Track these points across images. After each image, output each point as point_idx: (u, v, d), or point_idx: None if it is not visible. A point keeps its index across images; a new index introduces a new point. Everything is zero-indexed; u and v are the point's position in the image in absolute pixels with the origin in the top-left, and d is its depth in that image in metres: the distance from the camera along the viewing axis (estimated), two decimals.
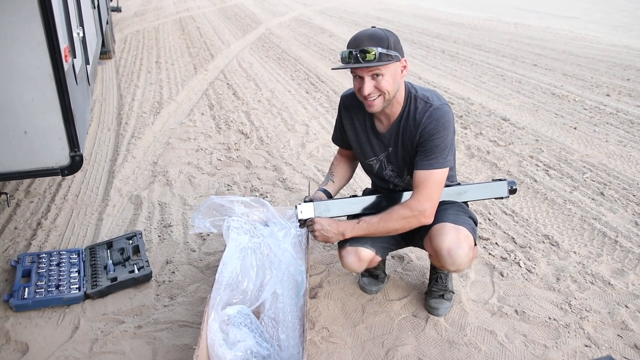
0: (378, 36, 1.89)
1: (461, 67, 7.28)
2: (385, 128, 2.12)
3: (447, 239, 2.01)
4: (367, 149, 2.21)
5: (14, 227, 2.95)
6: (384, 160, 2.18)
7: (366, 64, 1.87)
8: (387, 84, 1.93)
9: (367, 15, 13.15)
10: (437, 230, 2.07)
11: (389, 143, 2.12)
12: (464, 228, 2.06)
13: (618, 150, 4.23)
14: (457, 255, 2.00)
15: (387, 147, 2.14)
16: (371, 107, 1.99)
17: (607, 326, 2.21)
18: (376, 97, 1.95)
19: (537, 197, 3.40)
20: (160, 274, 2.54)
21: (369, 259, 2.19)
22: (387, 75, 1.91)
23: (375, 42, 1.87)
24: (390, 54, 1.88)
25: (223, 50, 8.41)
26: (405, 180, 2.19)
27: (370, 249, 2.18)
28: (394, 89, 1.96)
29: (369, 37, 1.88)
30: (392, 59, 1.89)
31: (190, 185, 3.54)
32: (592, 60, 7.80)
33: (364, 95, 1.94)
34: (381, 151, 2.17)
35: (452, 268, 2.11)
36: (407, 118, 2.04)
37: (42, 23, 2.10)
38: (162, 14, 12.99)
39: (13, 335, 2.12)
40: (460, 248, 2.00)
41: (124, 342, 2.09)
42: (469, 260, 2.08)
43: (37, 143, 2.27)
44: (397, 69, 1.94)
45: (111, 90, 5.97)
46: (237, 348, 1.81)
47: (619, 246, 2.82)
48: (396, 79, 1.95)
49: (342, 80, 6.46)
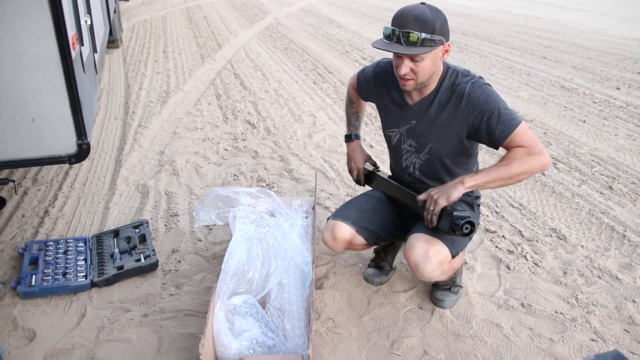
0: (424, 18, 1.78)
1: (470, 59, 7.22)
2: (414, 101, 2.04)
3: (415, 253, 1.97)
4: (390, 119, 2.15)
5: (21, 214, 2.96)
6: (404, 133, 2.11)
7: (406, 50, 1.79)
8: (425, 69, 1.86)
9: (375, 6, 13.06)
10: (410, 240, 2.03)
11: (415, 116, 2.05)
12: (438, 241, 1.98)
13: (627, 144, 4.19)
14: (424, 270, 1.96)
15: (410, 120, 2.07)
16: (404, 86, 1.93)
17: (614, 321, 2.20)
18: (411, 77, 1.89)
19: (545, 190, 3.38)
20: (167, 263, 2.55)
21: (347, 239, 2.14)
22: (427, 60, 1.84)
23: (421, 24, 1.77)
24: (435, 39, 1.79)
25: (230, 40, 8.39)
26: (422, 157, 2.10)
27: (351, 226, 2.14)
28: (430, 73, 1.89)
29: (415, 18, 1.78)
30: (435, 44, 1.81)
31: (196, 174, 3.54)
32: (602, 53, 7.73)
33: (400, 74, 1.88)
34: (403, 124, 2.10)
35: (423, 279, 2.09)
36: (444, 91, 1.97)
37: (49, 11, 2.09)
38: (170, 3, 12.96)
39: (20, 322, 2.13)
40: (428, 263, 1.94)
41: (130, 330, 2.10)
42: (442, 273, 2.01)
43: (44, 131, 2.28)
44: (438, 53, 1.86)
45: (118, 79, 5.97)
46: (243, 337, 1.82)
47: (627, 240, 2.80)
48: (435, 62, 1.88)
49: (349, 71, 6.43)
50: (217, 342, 1.80)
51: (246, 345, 1.80)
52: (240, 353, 1.78)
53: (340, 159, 3.79)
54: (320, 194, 3.23)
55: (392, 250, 2.49)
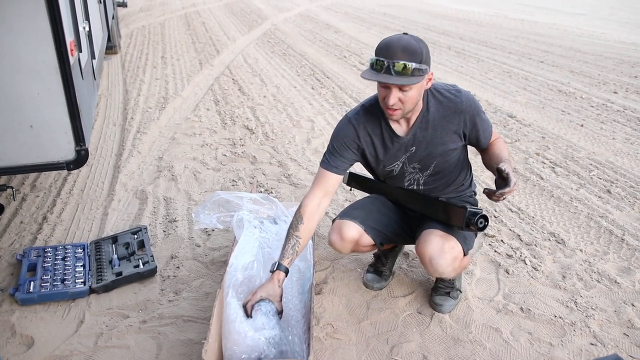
0: (412, 48, 1.80)
1: (467, 64, 7.24)
2: (405, 130, 2.04)
3: (430, 247, 2.00)
4: (387, 159, 2.12)
5: (19, 221, 2.96)
6: (406, 161, 2.11)
7: (398, 80, 1.79)
8: (412, 98, 1.87)
9: (372, 12, 13.11)
10: (424, 235, 2.06)
11: (412, 143, 2.05)
12: (453, 237, 2.04)
13: (625, 148, 4.20)
14: (437, 265, 1.99)
15: (409, 148, 2.07)
16: (391, 116, 1.93)
17: (613, 325, 2.20)
18: (399, 107, 1.89)
19: (543, 194, 3.38)
20: (165, 269, 2.54)
21: (354, 239, 2.14)
22: (414, 90, 1.85)
23: (410, 55, 1.78)
24: (422, 68, 1.81)
25: (229, 46, 8.40)
26: (427, 173, 2.12)
27: (359, 225, 2.14)
28: (416, 102, 1.91)
29: (403, 49, 1.79)
30: (423, 73, 1.83)
31: (195, 180, 3.54)
32: (599, 58, 7.75)
33: (388, 104, 1.87)
34: (402, 154, 2.09)
35: (434, 275, 2.11)
36: (431, 110, 2.00)
37: (48, 17, 2.09)
38: (168, 10, 12.99)
39: (19, 328, 2.12)
40: (442, 258, 1.99)
41: (129, 336, 2.09)
42: (453, 270, 2.06)
43: (42, 137, 2.27)
44: (424, 82, 1.88)
45: (117, 85, 5.98)
46: (262, 333, 1.77)
47: (625, 244, 2.80)
48: (421, 91, 1.91)
49: (348, 76, 6.44)
50: (230, 328, 1.74)
51: (263, 341, 1.75)
52: (255, 346, 1.74)
53: None
54: None
55: (392, 255, 2.49)
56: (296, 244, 2.00)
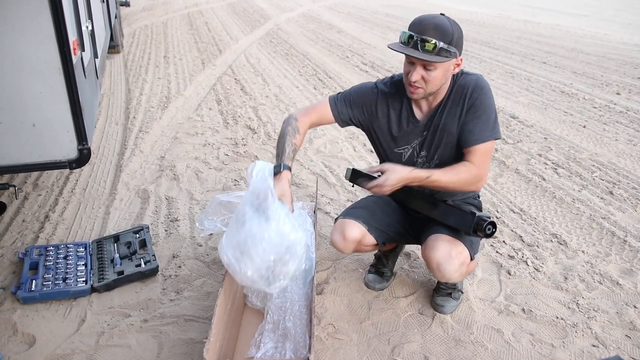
0: (444, 28, 1.80)
1: (470, 65, 7.24)
2: (423, 114, 2.04)
3: (438, 253, 1.98)
4: (399, 137, 2.10)
5: (21, 219, 2.96)
6: (417, 147, 2.09)
7: (423, 55, 1.79)
8: (436, 79, 1.86)
9: (375, 12, 13.10)
10: (431, 240, 2.04)
11: (427, 127, 2.04)
12: (460, 242, 2.02)
13: (628, 149, 4.19)
14: (445, 270, 1.98)
15: (422, 133, 2.06)
16: (412, 94, 1.93)
17: (615, 326, 2.20)
18: (421, 86, 1.89)
19: (545, 195, 3.38)
20: (167, 268, 2.54)
21: (357, 238, 2.12)
22: (439, 70, 1.84)
23: (440, 34, 1.79)
24: (450, 50, 1.81)
25: (231, 46, 8.41)
26: (432, 165, 2.09)
27: (362, 224, 2.13)
28: (439, 84, 1.90)
29: (435, 27, 1.79)
30: (450, 55, 1.82)
31: (197, 180, 3.54)
32: (602, 59, 7.74)
33: (411, 80, 1.87)
34: (415, 138, 2.08)
35: (442, 280, 2.10)
36: (451, 99, 1.97)
37: (51, 16, 2.10)
38: (171, 9, 13.00)
39: (20, 327, 2.12)
40: (450, 263, 1.97)
41: (130, 335, 2.10)
42: (460, 275, 2.05)
43: (45, 136, 2.28)
44: (451, 65, 1.88)
45: (119, 84, 5.99)
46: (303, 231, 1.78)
47: (627, 246, 2.79)
48: (446, 74, 1.89)
49: (350, 76, 6.44)
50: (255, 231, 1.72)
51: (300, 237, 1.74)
52: (296, 240, 1.73)
53: (340, 164, 3.79)
54: (320, 199, 3.23)
55: (393, 256, 2.49)
56: (295, 149, 2.02)
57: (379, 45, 8.59)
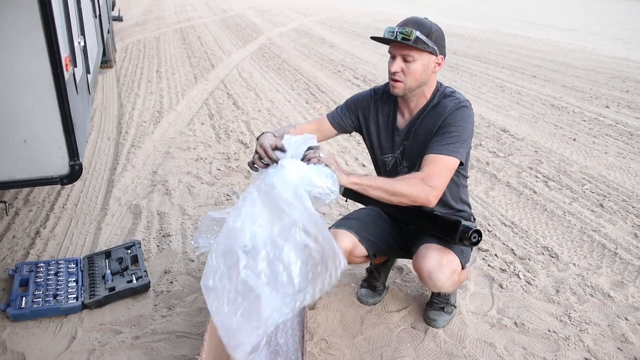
0: (423, 22, 1.92)
1: (461, 78, 7.30)
2: (404, 122, 2.10)
3: (429, 262, 1.99)
4: (385, 145, 2.17)
5: (12, 235, 2.94)
6: (399, 156, 2.14)
7: (400, 42, 1.89)
8: (415, 72, 1.93)
9: (367, 26, 13.21)
10: (422, 250, 2.05)
11: (406, 137, 2.09)
12: (450, 251, 2.04)
13: (617, 161, 4.23)
14: (437, 279, 1.98)
15: (403, 142, 2.11)
16: (393, 88, 1.99)
17: (607, 339, 2.20)
18: (401, 79, 1.95)
19: (536, 208, 3.40)
20: (159, 284, 2.53)
21: (348, 249, 2.11)
22: (418, 63, 1.92)
23: (418, 26, 1.90)
24: (428, 42, 1.90)
25: (224, 60, 8.44)
26: None
27: (353, 235, 2.13)
28: (419, 80, 1.96)
29: (415, 21, 1.92)
30: (427, 47, 1.90)
31: (189, 194, 3.53)
32: (591, 72, 7.83)
33: (391, 71, 1.95)
34: (398, 147, 2.13)
35: (434, 290, 2.11)
36: (430, 110, 2.02)
37: (43, 32, 2.10)
38: (164, 24, 13.04)
39: (10, 345, 2.10)
40: (441, 272, 1.98)
41: (122, 352, 2.08)
42: (452, 284, 2.05)
43: (36, 152, 2.27)
44: (430, 61, 1.94)
45: (112, 99, 5.99)
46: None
47: (618, 258, 2.81)
48: (426, 71, 1.95)
49: (342, 90, 6.48)
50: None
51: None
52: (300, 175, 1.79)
53: None
54: None
55: (385, 270, 2.49)
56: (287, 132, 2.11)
57: (371, 59, 8.66)
